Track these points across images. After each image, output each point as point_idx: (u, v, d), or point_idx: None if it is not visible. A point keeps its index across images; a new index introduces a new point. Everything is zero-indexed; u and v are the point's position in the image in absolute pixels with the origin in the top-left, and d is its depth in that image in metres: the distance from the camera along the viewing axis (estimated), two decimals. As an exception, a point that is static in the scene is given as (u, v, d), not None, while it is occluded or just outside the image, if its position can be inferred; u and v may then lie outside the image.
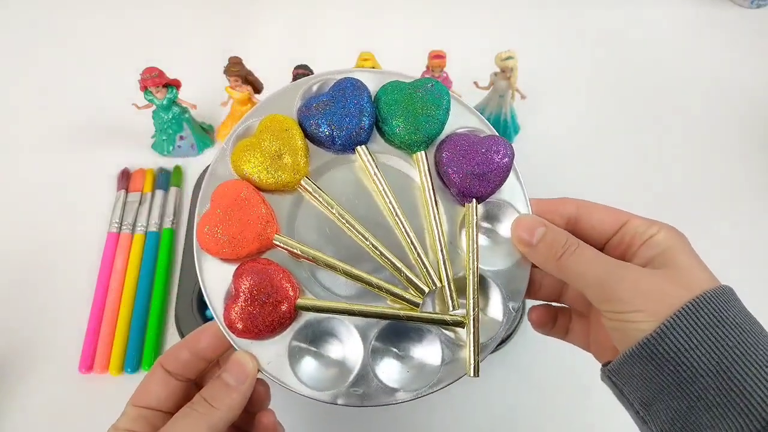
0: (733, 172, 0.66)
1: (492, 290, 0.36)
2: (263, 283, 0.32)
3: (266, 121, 0.35)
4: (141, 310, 0.55)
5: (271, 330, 0.33)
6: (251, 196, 0.34)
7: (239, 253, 0.33)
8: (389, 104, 0.36)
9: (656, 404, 0.29)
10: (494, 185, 0.36)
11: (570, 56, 0.76)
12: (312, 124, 0.35)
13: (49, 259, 0.59)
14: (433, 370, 0.34)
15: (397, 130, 0.36)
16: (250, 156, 0.34)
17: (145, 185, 0.63)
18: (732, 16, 0.81)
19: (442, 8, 0.81)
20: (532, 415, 0.52)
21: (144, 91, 0.59)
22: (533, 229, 0.34)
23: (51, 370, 0.53)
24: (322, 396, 0.33)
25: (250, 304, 0.32)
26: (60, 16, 0.80)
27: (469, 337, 0.34)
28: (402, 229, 0.35)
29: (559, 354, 0.55)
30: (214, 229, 0.33)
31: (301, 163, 0.35)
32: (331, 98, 0.36)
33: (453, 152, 0.36)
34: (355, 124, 0.35)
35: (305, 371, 0.33)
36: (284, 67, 0.59)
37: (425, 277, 0.35)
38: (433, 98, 0.36)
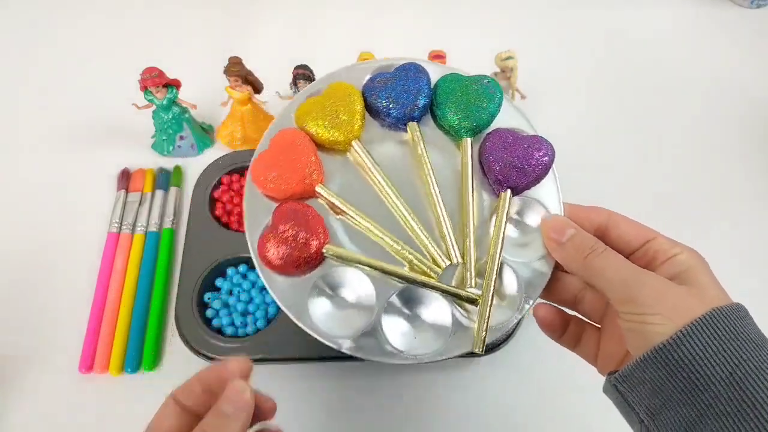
0: (733, 172, 0.66)
1: (510, 279, 0.37)
2: (299, 221, 0.35)
3: (333, 85, 0.39)
4: (141, 310, 0.55)
5: (297, 266, 0.35)
6: (305, 145, 0.38)
7: (284, 192, 0.37)
8: (446, 92, 0.39)
9: (664, 412, 0.29)
10: (531, 180, 0.38)
11: (570, 56, 0.76)
12: (373, 95, 0.39)
13: (49, 259, 0.59)
14: (440, 341, 0.35)
15: (449, 114, 0.39)
16: (312, 111, 0.38)
17: (145, 185, 0.63)
18: (732, 16, 0.81)
19: (442, 8, 0.81)
20: (532, 415, 0.52)
21: (144, 91, 0.59)
22: (563, 230, 0.35)
23: (51, 370, 0.53)
24: (331, 341, 0.35)
25: (284, 238, 0.35)
26: (60, 16, 0.80)
27: (483, 314, 0.35)
28: (437, 204, 0.37)
29: (559, 354, 0.54)
30: (267, 166, 0.37)
31: (355, 126, 0.38)
32: (394, 76, 0.39)
33: (497, 143, 0.38)
34: (411, 101, 0.38)
35: (320, 315, 0.36)
36: (284, 67, 0.59)
37: (449, 251, 0.36)
38: (487, 93, 0.39)
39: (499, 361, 0.53)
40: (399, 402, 0.52)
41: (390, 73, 0.40)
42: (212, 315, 0.54)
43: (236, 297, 0.55)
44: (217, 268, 0.56)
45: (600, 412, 0.52)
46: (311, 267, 0.36)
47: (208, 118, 0.68)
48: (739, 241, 0.61)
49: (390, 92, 0.39)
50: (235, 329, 0.53)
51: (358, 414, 0.52)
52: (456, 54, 0.60)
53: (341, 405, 0.52)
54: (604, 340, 0.37)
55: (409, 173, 0.39)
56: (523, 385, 0.53)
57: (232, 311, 0.54)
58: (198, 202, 0.60)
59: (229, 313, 0.54)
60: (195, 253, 0.56)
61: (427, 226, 0.37)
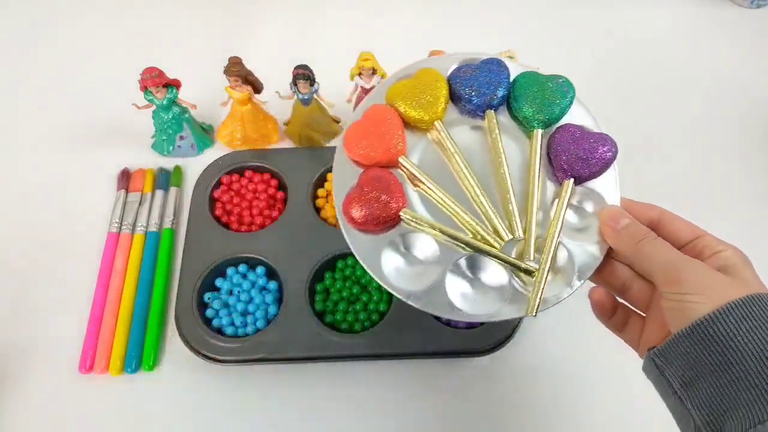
0: (733, 172, 0.66)
1: (565, 258, 0.40)
2: (381, 184, 0.40)
3: (423, 71, 0.44)
4: (141, 311, 0.55)
5: (376, 224, 0.40)
6: (394, 119, 0.42)
7: (371, 159, 0.41)
8: (524, 86, 0.43)
9: (698, 383, 0.32)
10: (593, 172, 0.41)
11: (570, 56, 0.76)
12: (458, 83, 0.43)
13: (49, 259, 0.59)
14: (496, 305, 0.39)
15: (524, 107, 0.42)
16: (402, 92, 0.43)
17: (145, 185, 0.63)
18: (732, 16, 0.81)
19: (442, 8, 0.81)
20: (532, 415, 0.52)
21: (144, 91, 0.59)
22: (619, 219, 0.39)
23: (51, 370, 0.53)
24: (397, 291, 0.39)
25: (367, 199, 0.39)
26: (60, 16, 0.80)
27: (539, 284, 0.39)
28: (507, 183, 0.41)
29: (559, 354, 0.55)
30: (358, 135, 0.42)
31: (439, 108, 0.42)
32: (478, 68, 0.44)
33: (566, 136, 0.42)
34: (492, 91, 0.43)
35: (390, 269, 0.40)
36: (284, 67, 0.59)
37: (512, 226, 0.40)
38: (561, 90, 0.43)
39: (499, 361, 0.53)
40: (399, 402, 0.52)
41: (475, 65, 0.44)
42: (212, 315, 0.54)
43: (236, 297, 0.55)
44: (217, 268, 0.56)
45: (600, 411, 0.52)
46: (388, 227, 0.40)
47: (208, 118, 0.68)
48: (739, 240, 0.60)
49: (473, 82, 0.43)
50: (235, 329, 0.53)
51: (359, 413, 0.52)
52: (456, 54, 0.60)
53: (341, 405, 0.52)
54: (647, 327, 0.38)
55: (481, 155, 0.43)
56: (523, 385, 0.53)
57: (232, 311, 0.54)
58: (198, 202, 0.60)
59: (229, 313, 0.54)
60: (195, 253, 0.56)
61: (494, 203, 0.41)
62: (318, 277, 0.56)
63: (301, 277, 0.55)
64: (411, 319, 0.53)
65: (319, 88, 0.60)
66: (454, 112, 0.44)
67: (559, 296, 0.39)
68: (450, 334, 0.52)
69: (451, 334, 0.52)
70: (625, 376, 0.54)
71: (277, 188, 0.62)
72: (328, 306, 0.54)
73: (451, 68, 0.45)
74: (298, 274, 0.55)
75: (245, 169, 0.63)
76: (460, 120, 0.44)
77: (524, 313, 0.39)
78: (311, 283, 0.55)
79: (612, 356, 0.55)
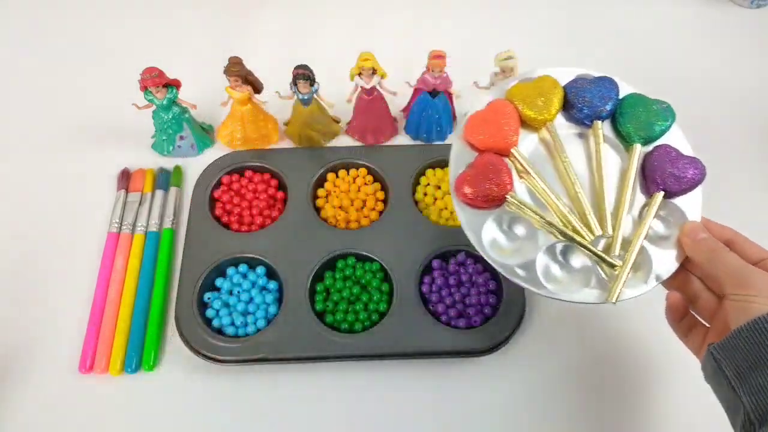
0: (733, 172, 0.66)
1: (645, 258, 0.45)
2: (493, 167, 0.45)
3: (542, 77, 0.50)
4: (141, 310, 0.55)
5: (485, 201, 0.45)
6: (512, 114, 0.48)
7: (487, 145, 0.47)
8: (631, 105, 0.49)
9: (752, 373, 0.36)
10: (682, 189, 0.46)
11: (570, 56, 0.76)
12: (573, 92, 0.49)
13: (49, 258, 0.59)
14: (579, 289, 0.45)
15: (629, 122, 0.48)
16: (522, 92, 0.49)
17: (145, 185, 0.63)
18: (732, 16, 0.81)
19: (442, 8, 0.81)
20: (532, 415, 0.52)
21: (144, 91, 0.59)
22: (698, 232, 0.44)
23: (51, 370, 0.53)
24: (493, 260, 0.45)
25: (479, 177, 0.45)
26: (60, 16, 0.80)
27: (621, 276, 0.44)
28: (603, 185, 0.46)
29: (558, 354, 0.55)
30: (480, 122, 0.47)
31: (552, 111, 0.48)
32: (593, 83, 0.49)
33: (662, 154, 0.47)
34: (602, 104, 0.48)
35: (490, 242, 0.46)
36: (284, 67, 0.59)
37: (603, 224, 0.45)
38: (663, 114, 0.49)
39: (499, 361, 0.53)
40: (399, 402, 0.52)
41: (590, 79, 0.50)
42: (212, 315, 0.54)
43: (236, 297, 0.55)
44: (217, 268, 0.56)
45: (599, 410, 0.52)
46: (494, 206, 0.46)
47: (209, 118, 0.68)
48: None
49: (587, 94, 0.49)
50: (235, 329, 0.53)
51: (359, 413, 0.52)
52: (456, 54, 0.60)
53: (341, 404, 0.52)
54: (709, 336, 0.42)
55: (581, 159, 0.49)
56: (523, 385, 0.53)
57: (233, 311, 0.54)
58: (198, 202, 0.60)
59: (229, 313, 0.54)
60: (195, 253, 0.56)
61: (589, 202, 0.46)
62: (318, 277, 0.56)
63: (301, 277, 0.55)
64: (411, 319, 0.53)
65: (319, 88, 0.60)
66: (562, 117, 0.50)
67: (637, 290, 0.44)
68: (450, 335, 0.52)
69: (451, 335, 0.52)
70: (624, 376, 0.54)
71: (277, 188, 0.62)
72: (328, 306, 0.54)
73: (568, 79, 0.50)
74: (299, 274, 0.55)
75: (245, 169, 0.63)
76: (567, 125, 0.50)
77: (604, 300, 0.44)
78: (311, 283, 0.55)
79: (612, 356, 0.55)
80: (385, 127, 0.66)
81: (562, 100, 0.49)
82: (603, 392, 0.53)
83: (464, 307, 0.54)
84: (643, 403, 0.53)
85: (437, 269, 0.56)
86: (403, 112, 0.68)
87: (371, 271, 0.56)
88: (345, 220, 0.60)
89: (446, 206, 0.60)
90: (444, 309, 0.54)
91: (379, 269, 0.56)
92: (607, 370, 0.54)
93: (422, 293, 0.55)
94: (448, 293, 0.54)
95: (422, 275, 0.56)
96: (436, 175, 0.62)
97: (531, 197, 0.47)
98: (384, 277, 0.56)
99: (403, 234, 0.58)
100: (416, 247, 0.57)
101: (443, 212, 0.60)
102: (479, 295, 0.54)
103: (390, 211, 0.59)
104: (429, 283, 0.55)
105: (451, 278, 0.55)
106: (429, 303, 0.55)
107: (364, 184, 0.62)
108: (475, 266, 0.56)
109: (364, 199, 0.61)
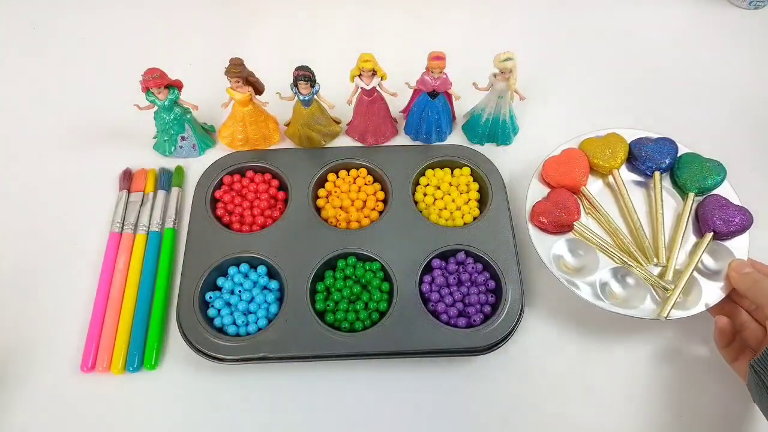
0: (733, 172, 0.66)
1: (695, 286, 0.53)
2: (564, 200, 0.56)
3: (611, 134, 0.61)
4: (143, 310, 0.55)
5: (555, 227, 0.55)
6: (583, 160, 0.59)
7: (560, 182, 0.58)
8: (687, 162, 0.59)
9: None
10: (730, 231, 0.55)
11: (569, 57, 0.77)
12: (638, 147, 0.60)
13: (51, 258, 0.59)
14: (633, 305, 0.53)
15: (685, 175, 0.58)
16: (593, 144, 0.60)
17: (147, 185, 0.63)
18: (730, 16, 0.81)
19: (441, 9, 0.81)
20: (531, 415, 0.52)
21: (146, 92, 0.59)
22: (744, 267, 0.52)
23: (53, 370, 0.53)
24: (558, 275, 0.53)
25: (551, 207, 0.55)
26: (60, 16, 0.80)
27: (672, 297, 0.52)
28: (660, 225, 0.56)
29: (558, 354, 0.55)
30: (557, 164, 0.59)
31: (618, 161, 0.59)
32: (655, 141, 0.60)
33: (713, 201, 0.56)
34: (662, 158, 0.59)
35: (559, 262, 0.55)
36: (285, 68, 0.59)
37: (658, 254, 0.55)
38: (716, 170, 0.58)
39: (499, 361, 0.54)
40: (399, 401, 0.52)
41: (653, 138, 0.61)
42: (214, 314, 0.54)
43: (238, 296, 0.55)
44: (218, 267, 0.56)
45: (599, 410, 0.52)
46: (563, 232, 0.56)
47: (209, 118, 0.68)
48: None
49: (649, 150, 0.59)
50: (236, 328, 0.54)
51: (359, 412, 0.52)
52: (456, 55, 0.61)
53: (342, 403, 0.52)
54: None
55: (642, 202, 0.59)
56: (523, 385, 0.53)
57: (234, 310, 0.54)
58: (199, 203, 0.60)
59: (230, 313, 0.54)
60: (196, 253, 0.57)
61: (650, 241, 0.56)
62: (319, 276, 0.56)
63: (302, 276, 0.55)
64: (411, 318, 0.53)
65: (319, 89, 0.60)
66: (626, 169, 0.61)
67: (686, 312, 0.51)
68: (450, 333, 0.52)
69: (451, 333, 0.52)
70: (624, 376, 0.54)
71: (278, 188, 0.63)
72: (329, 305, 0.55)
73: (633, 138, 0.61)
74: (299, 273, 0.55)
75: (246, 169, 0.63)
76: (629, 176, 0.61)
77: (656, 316, 0.51)
78: (312, 283, 0.55)
79: (611, 356, 0.55)
80: (385, 127, 0.66)
81: (627, 153, 0.60)
82: (602, 391, 0.53)
83: (464, 306, 0.54)
84: (642, 401, 0.53)
85: (437, 268, 0.56)
86: (402, 112, 0.68)
87: (371, 271, 0.56)
88: (345, 220, 0.60)
89: (446, 206, 0.61)
90: (444, 308, 0.54)
91: (380, 269, 0.56)
92: (606, 368, 0.54)
93: (422, 292, 0.55)
94: (448, 292, 0.55)
95: (422, 274, 0.56)
96: (436, 175, 0.63)
97: (597, 229, 0.57)
98: (384, 276, 0.56)
99: (404, 234, 0.58)
100: (416, 247, 0.57)
101: (443, 212, 0.60)
102: (479, 294, 0.55)
103: (390, 211, 0.60)
104: (429, 283, 0.55)
105: (451, 277, 0.56)
106: (429, 302, 0.55)
107: (365, 185, 0.62)
108: (475, 265, 0.56)
109: (364, 199, 0.61)
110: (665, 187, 0.59)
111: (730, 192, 0.58)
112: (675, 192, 0.59)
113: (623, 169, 0.60)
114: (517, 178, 0.64)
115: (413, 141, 0.67)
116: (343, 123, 0.68)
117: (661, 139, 0.60)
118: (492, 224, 0.58)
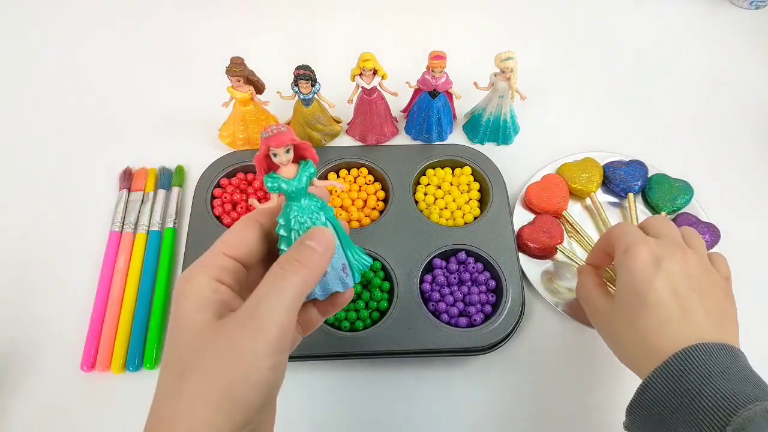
0: (733, 172, 0.66)
1: None
2: (548, 224, 0.59)
3: (587, 159, 0.64)
4: (143, 309, 0.55)
5: (540, 250, 0.58)
6: (562, 186, 0.62)
7: (543, 208, 0.61)
8: (657, 182, 0.63)
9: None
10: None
11: (569, 57, 0.77)
12: (611, 170, 0.63)
13: (51, 257, 0.59)
14: None
15: (656, 195, 0.62)
16: (570, 169, 0.63)
17: (148, 184, 0.63)
18: (731, 16, 0.81)
19: (442, 8, 0.81)
20: (531, 414, 0.52)
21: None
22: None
23: (53, 369, 0.53)
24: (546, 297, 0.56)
25: (537, 230, 0.58)
26: (60, 15, 0.80)
27: None
28: None
29: (558, 354, 0.55)
30: (539, 190, 0.61)
31: (594, 185, 0.62)
32: (627, 164, 0.63)
33: (685, 219, 0.60)
34: (633, 181, 0.62)
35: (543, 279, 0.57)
36: (285, 67, 0.59)
37: None
38: (683, 190, 0.62)
39: (499, 360, 0.54)
40: (399, 400, 0.52)
41: (625, 161, 0.64)
42: (214, 313, 0.54)
43: (238, 296, 0.55)
44: (218, 267, 0.56)
45: (599, 410, 0.52)
46: (548, 255, 0.59)
47: (210, 118, 0.68)
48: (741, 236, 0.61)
49: (622, 173, 0.63)
50: (236, 328, 0.53)
51: (359, 412, 0.52)
52: (456, 54, 0.61)
53: (342, 403, 0.52)
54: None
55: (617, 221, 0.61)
56: (524, 382, 0.53)
57: (234, 310, 0.54)
58: (200, 202, 0.60)
59: (230, 312, 0.54)
60: (197, 252, 0.56)
61: None
62: (319, 276, 0.56)
63: (302, 275, 0.55)
64: (412, 317, 0.53)
65: (320, 89, 0.60)
66: (601, 191, 0.64)
67: None
68: (451, 333, 0.52)
69: (451, 333, 0.52)
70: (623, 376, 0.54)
71: (279, 188, 0.62)
72: (329, 305, 0.54)
73: (606, 161, 0.64)
74: (300, 272, 0.55)
75: (247, 169, 0.63)
76: (605, 198, 0.63)
77: None
78: (312, 282, 0.55)
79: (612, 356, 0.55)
80: (386, 127, 0.66)
81: (602, 176, 0.63)
82: (603, 390, 0.53)
83: (465, 306, 0.54)
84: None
85: (438, 268, 0.56)
86: (403, 112, 0.68)
87: (372, 270, 0.56)
88: (346, 219, 0.60)
89: (446, 206, 0.61)
90: (445, 307, 0.54)
91: (380, 268, 0.56)
92: (606, 368, 0.54)
93: (423, 292, 0.55)
94: (448, 292, 0.55)
95: (423, 274, 0.56)
96: (436, 174, 0.63)
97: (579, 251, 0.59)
98: (385, 275, 0.56)
99: (404, 233, 0.58)
100: (417, 246, 0.57)
101: (443, 212, 0.60)
102: (480, 293, 0.55)
103: (391, 210, 0.60)
104: (430, 282, 0.55)
105: (452, 277, 0.56)
106: (430, 302, 0.55)
107: (365, 184, 0.62)
108: (476, 265, 0.56)
109: (365, 198, 0.61)
110: (638, 209, 0.62)
111: (697, 208, 0.61)
112: (648, 212, 0.63)
113: (599, 191, 0.63)
114: (517, 178, 0.64)
115: (414, 140, 0.67)
116: (344, 122, 0.68)
117: (632, 162, 0.63)
118: (492, 224, 0.58)
